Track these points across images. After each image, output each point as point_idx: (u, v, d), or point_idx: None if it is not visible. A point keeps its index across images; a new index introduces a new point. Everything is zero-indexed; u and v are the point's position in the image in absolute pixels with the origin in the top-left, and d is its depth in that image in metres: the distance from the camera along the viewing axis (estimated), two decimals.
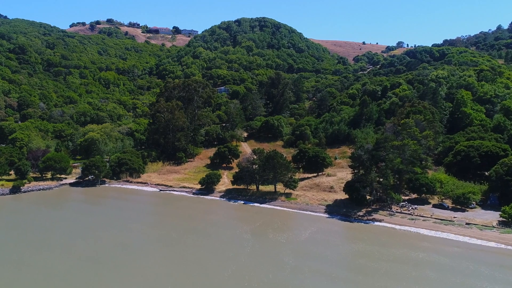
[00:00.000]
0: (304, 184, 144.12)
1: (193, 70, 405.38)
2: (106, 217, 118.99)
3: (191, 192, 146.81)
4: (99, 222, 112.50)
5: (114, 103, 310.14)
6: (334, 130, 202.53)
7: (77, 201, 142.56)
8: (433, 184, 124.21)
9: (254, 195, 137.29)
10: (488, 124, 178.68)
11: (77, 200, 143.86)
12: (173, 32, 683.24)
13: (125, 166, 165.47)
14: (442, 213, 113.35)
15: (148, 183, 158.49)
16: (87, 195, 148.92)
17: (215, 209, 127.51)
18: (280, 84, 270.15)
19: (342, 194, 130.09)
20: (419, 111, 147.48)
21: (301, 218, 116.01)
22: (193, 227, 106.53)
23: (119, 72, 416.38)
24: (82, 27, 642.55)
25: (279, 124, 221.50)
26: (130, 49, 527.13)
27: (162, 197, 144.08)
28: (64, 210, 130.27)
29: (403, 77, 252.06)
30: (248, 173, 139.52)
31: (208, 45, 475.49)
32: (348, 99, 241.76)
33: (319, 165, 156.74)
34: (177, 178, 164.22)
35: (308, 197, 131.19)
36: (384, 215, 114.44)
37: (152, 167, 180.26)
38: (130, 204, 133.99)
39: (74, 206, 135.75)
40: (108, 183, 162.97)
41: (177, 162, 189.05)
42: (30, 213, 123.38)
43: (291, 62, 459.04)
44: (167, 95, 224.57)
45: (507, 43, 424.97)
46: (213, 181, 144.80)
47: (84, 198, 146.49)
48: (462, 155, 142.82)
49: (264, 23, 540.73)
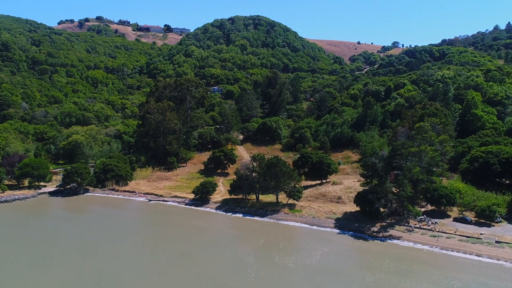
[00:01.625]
0: (308, 193, 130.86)
1: (185, 69, 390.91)
2: (85, 236, 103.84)
3: (184, 202, 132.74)
4: (74, 244, 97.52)
5: (102, 103, 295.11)
6: (336, 133, 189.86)
7: (53, 215, 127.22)
8: (453, 195, 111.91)
9: (254, 206, 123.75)
10: (501, 127, 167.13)
11: (54, 214, 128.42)
12: (165, 30, 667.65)
13: (111, 173, 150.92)
14: (466, 229, 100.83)
15: (136, 192, 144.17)
16: (67, 207, 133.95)
17: (211, 223, 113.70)
18: (277, 83, 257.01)
19: (352, 206, 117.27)
20: (433, 113, 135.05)
21: (309, 234, 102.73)
22: (186, 248, 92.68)
23: (108, 70, 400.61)
24: (71, 25, 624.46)
25: (277, 126, 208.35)
26: (119, 47, 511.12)
27: (151, 208, 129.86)
28: (35, 227, 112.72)
29: (406, 77, 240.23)
30: (247, 182, 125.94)
31: (200, 43, 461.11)
32: (349, 100, 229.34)
33: (323, 172, 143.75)
34: (168, 186, 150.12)
35: (314, 209, 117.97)
36: (402, 231, 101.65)
37: (141, 173, 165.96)
38: (114, 219, 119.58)
39: (49, 221, 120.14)
40: (92, 192, 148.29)
41: (168, 168, 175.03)
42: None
43: (286, 61, 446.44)
44: (158, 95, 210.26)
45: (506, 44, 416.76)
46: (208, 190, 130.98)
47: (62, 211, 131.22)
48: (480, 162, 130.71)
49: (259, 21, 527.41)
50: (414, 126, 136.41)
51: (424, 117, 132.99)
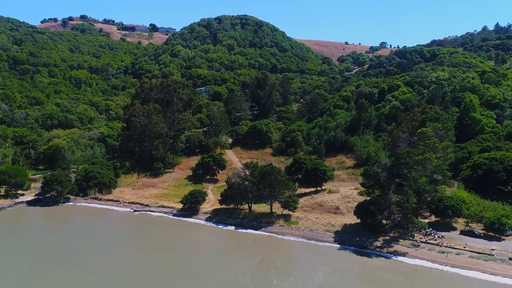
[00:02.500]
0: (303, 203, 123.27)
1: (172, 69, 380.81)
2: (64, 250, 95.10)
3: (171, 213, 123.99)
4: (53, 258, 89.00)
5: (85, 105, 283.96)
6: (330, 137, 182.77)
7: (31, 226, 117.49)
8: (459, 206, 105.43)
9: (247, 217, 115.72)
10: (500, 131, 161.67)
11: (32, 225, 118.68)
12: (150, 29, 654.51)
13: (94, 181, 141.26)
14: (475, 243, 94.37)
15: (121, 201, 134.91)
16: (45, 218, 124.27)
17: (201, 237, 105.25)
18: (267, 85, 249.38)
19: (351, 217, 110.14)
20: (435, 118, 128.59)
21: (307, 250, 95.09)
22: (174, 269, 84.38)
23: (92, 70, 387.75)
24: (54, 23, 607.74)
25: (268, 130, 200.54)
26: (104, 46, 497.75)
27: (136, 220, 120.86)
28: (11, 240, 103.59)
29: (399, 78, 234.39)
30: (239, 192, 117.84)
31: (187, 43, 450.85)
32: (342, 102, 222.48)
33: (318, 179, 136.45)
34: (155, 195, 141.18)
35: (311, 221, 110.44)
36: (407, 246, 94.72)
37: (125, 180, 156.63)
38: (96, 231, 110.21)
39: (26, 233, 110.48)
40: (73, 201, 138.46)
41: (154, 174, 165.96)
42: None
43: (275, 61, 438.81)
44: (144, 97, 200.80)
45: (496, 44, 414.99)
46: (197, 200, 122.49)
47: (40, 222, 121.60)
48: (483, 169, 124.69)
49: (246, 21, 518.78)
50: (416, 131, 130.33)
51: (425, 122, 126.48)
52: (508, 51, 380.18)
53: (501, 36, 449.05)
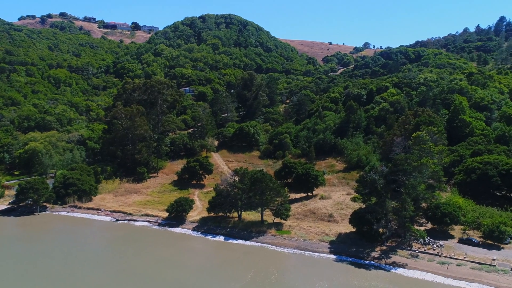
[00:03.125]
0: (295, 210, 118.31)
1: (155, 68, 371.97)
2: (38, 264, 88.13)
3: (156, 222, 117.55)
4: (24, 275, 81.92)
5: (65, 105, 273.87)
6: (319, 139, 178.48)
7: (2, 239, 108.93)
8: (457, 213, 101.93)
9: (237, 226, 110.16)
10: (490, 134, 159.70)
11: (3, 237, 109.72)
12: (132, 28, 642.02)
13: (73, 188, 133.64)
14: (475, 252, 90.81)
15: (102, 210, 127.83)
16: (19, 230, 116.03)
17: (188, 250, 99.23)
18: (253, 85, 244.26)
19: (345, 225, 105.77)
20: (430, 121, 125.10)
21: (303, 263, 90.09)
22: (161, 284, 78.38)
23: (72, 70, 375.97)
24: (32, 21, 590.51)
25: (255, 132, 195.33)
26: (84, 45, 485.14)
27: (119, 230, 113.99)
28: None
29: (387, 80, 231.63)
30: (228, 199, 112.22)
31: (170, 42, 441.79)
32: (330, 103, 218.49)
33: (309, 185, 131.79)
34: (138, 202, 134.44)
35: (304, 230, 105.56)
36: (406, 256, 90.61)
37: (107, 186, 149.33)
38: (75, 243, 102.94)
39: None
40: (51, 210, 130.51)
41: (137, 179, 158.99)
42: None
43: (260, 61, 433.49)
44: (126, 98, 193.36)
45: (477, 46, 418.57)
46: (184, 208, 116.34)
47: (13, 234, 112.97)
48: (478, 173, 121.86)
49: (230, 20, 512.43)
50: (409, 134, 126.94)
51: (420, 125, 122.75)
52: (490, 52, 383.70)
53: (482, 37, 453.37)
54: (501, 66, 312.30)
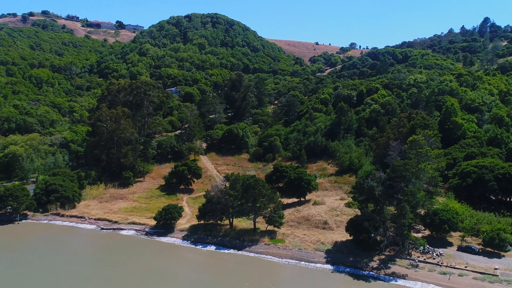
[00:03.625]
0: (288, 216, 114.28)
1: (140, 68, 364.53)
2: (17, 277, 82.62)
3: (144, 231, 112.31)
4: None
5: (47, 106, 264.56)
6: (309, 142, 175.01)
7: None
8: (455, 220, 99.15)
9: (228, 235, 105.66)
10: (482, 136, 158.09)
11: None
12: (117, 26, 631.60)
13: (55, 194, 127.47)
14: (475, 261, 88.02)
15: (86, 218, 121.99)
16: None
17: (179, 261, 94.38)
18: (242, 86, 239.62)
19: (341, 233, 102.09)
20: (425, 124, 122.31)
21: (298, 274, 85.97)
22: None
23: (54, 69, 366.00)
24: (13, 19, 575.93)
25: (244, 134, 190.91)
26: (67, 44, 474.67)
27: (104, 239, 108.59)
28: None
29: (377, 81, 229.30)
30: (219, 206, 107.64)
31: (156, 41, 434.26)
32: (320, 105, 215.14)
33: (302, 190, 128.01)
34: (124, 209, 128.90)
35: (299, 238, 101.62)
36: (405, 266, 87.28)
37: (91, 192, 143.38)
38: (57, 254, 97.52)
39: None
40: (32, 218, 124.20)
41: (123, 184, 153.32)
42: None
43: (247, 61, 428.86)
44: (111, 99, 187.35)
45: (463, 47, 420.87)
46: (173, 216, 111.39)
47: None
48: (473, 177, 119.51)
49: (217, 19, 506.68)
50: (403, 138, 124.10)
51: (415, 128, 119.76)
52: (475, 53, 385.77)
53: (467, 38, 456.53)
54: (487, 67, 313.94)
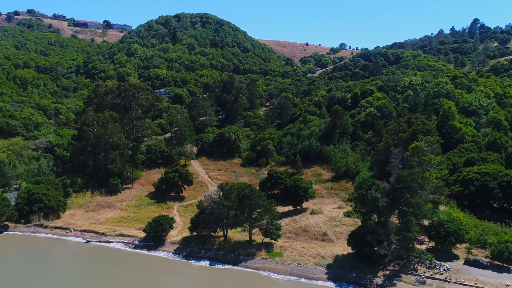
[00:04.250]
0: (286, 227, 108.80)
1: (128, 69, 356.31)
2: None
3: (133, 244, 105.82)
4: None
5: (32, 108, 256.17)
6: (304, 146, 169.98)
7: None
8: (462, 232, 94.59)
9: (223, 248, 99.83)
10: (481, 140, 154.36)
11: None
12: (104, 26, 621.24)
13: (38, 204, 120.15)
14: (485, 276, 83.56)
15: (71, 229, 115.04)
16: None
17: (171, 277, 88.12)
18: (233, 88, 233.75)
19: (342, 245, 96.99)
20: (427, 130, 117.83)
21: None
22: None
23: (40, 70, 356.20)
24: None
25: (237, 138, 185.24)
26: (54, 43, 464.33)
27: (90, 253, 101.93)
28: None
29: (371, 83, 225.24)
30: (212, 217, 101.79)
31: (144, 41, 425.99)
32: (314, 107, 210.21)
33: (299, 198, 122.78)
34: (112, 219, 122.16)
35: (297, 252, 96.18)
36: (412, 283, 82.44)
37: (77, 201, 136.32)
38: (39, 271, 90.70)
39: None
40: (13, 230, 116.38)
41: (111, 191, 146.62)
42: None
43: (237, 62, 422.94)
44: (98, 102, 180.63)
45: (453, 48, 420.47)
46: (163, 228, 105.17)
47: None
48: (476, 185, 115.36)
49: (206, 19, 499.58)
50: (402, 143, 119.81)
51: (417, 134, 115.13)
52: (466, 54, 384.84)
53: (457, 39, 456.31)
54: (479, 69, 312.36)
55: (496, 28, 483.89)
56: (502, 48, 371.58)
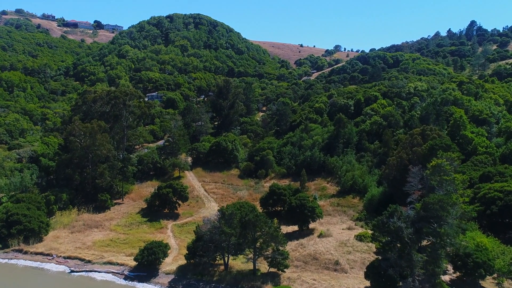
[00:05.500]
0: (293, 254, 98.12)
1: (119, 72, 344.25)
2: None
3: (122, 274, 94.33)
4: None
5: (17, 113, 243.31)
6: (306, 157, 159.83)
7: None
8: (491, 262, 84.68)
9: (224, 280, 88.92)
10: (495, 152, 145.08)
11: None
12: (95, 26, 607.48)
13: (18, 226, 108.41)
14: None
15: (54, 256, 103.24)
16: None
17: None
18: (230, 93, 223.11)
19: (357, 276, 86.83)
20: (447, 145, 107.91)
21: None
22: None
23: (27, 72, 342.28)
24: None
25: (234, 147, 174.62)
26: (42, 44, 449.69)
27: (73, 286, 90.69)
28: None
29: (374, 88, 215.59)
30: (212, 245, 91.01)
31: (136, 42, 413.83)
32: (315, 114, 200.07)
33: (305, 218, 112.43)
34: (100, 242, 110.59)
35: (308, 285, 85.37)
36: None
37: (61, 219, 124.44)
38: None
39: None
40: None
41: (99, 207, 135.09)
42: None
43: (231, 64, 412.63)
44: (86, 110, 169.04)
45: (451, 50, 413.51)
46: (157, 257, 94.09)
47: None
48: (498, 204, 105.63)
49: (200, 20, 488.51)
50: (422, 160, 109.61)
51: (436, 150, 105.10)
52: (464, 57, 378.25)
53: (455, 42, 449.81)
54: (480, 72, 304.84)
55: (493, 31, 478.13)
56: (502, 51, 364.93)
